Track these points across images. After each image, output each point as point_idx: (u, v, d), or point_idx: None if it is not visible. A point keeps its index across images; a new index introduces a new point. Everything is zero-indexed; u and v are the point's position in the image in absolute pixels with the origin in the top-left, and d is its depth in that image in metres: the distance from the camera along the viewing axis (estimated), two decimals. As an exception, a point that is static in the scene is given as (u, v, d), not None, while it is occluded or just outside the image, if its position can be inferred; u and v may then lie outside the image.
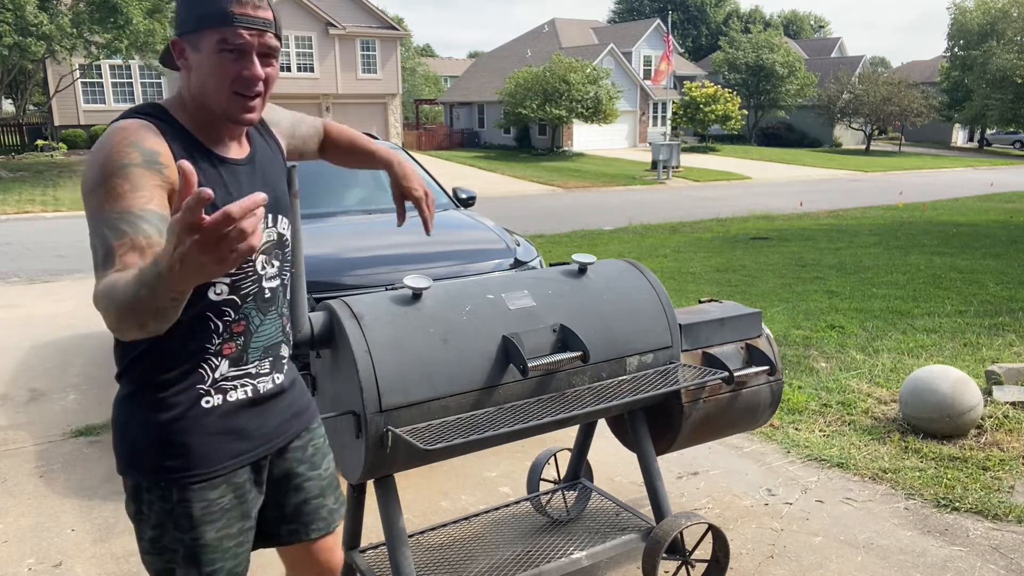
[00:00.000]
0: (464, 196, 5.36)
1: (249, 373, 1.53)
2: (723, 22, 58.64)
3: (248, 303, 1.49)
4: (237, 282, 1.47)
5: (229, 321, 1.47)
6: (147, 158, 1.31)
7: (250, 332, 1.51)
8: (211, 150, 1.45)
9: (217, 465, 1.49)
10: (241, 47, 1.37)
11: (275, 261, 1.55)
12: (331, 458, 1.78)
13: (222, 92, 1.39)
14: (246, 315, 1.50)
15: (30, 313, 7.01)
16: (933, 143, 46.00)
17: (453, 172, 24.04)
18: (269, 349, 1.57)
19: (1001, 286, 7.57)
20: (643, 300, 2.48)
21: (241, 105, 1.41)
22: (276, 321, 1.58)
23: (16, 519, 3.24)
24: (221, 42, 1.36)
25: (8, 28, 16.69)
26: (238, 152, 1.51)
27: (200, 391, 1.46)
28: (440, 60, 62.95)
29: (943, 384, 3.85)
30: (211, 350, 1.46)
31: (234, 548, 1.55)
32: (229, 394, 1.50)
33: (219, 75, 1.38)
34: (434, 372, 2.07)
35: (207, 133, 1.45)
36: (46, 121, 27.09)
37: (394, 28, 31.94)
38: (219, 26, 1.35)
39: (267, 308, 1.54)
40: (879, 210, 15.66)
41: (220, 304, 1.45)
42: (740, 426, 2.85)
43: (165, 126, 1.39)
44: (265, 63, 1.42)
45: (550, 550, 2.69)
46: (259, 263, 1.50)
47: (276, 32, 1.43)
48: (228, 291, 1.46)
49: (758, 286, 7.83)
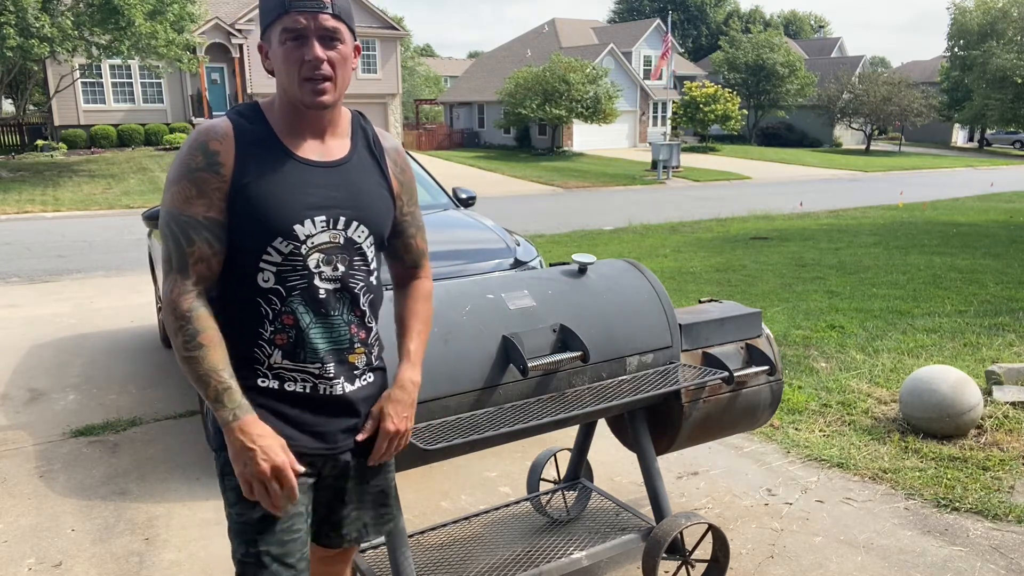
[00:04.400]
0: (464, 196, 5.35)
1: (309, 371, 1.54)
2: (723, 22, 58.62)
3: (294, 298, 1.51)
4: (283, 272, 1.50)
5: (277, 311, 1.51)
6: (208, 160, 1.46)
7: (300, 329, 1.52)
8: (286, 147, 1.52)
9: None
10: (300, 32, 1.45)
11: (340, 265, 1.55)
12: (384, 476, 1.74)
13: (293, 80, 1.47)
14: (292, 310, 1.51)
15: (30, 313, 7.01)
16: (933, 143, 46.00)
17: (453, 172, 24.03)
18: (335, 354, 1.56)
19: (1001, 286, 7.57)
20: (643, 300, 2.48)
21: (311, 90, 1.47)
22: (341, 327, 1.56)
23: (16, 519, 3.24)
24: (283, 32, 1.45)
25: (11, 30, 16.70)
26: (322, 152, 1.55)
27: (258, 371, 1.53)
28: (440, 60, 62.97)
29: (943, 384, 3.84)
30: (264, 336, 1.52)
31: (280, 533, 1.54)
32: (287, 384, 1.54)
33: (288, 64, 1.46)
34: (434, 372, 2.07)
35: (290, 131, 1.53)
36: (46, 121, 27.09)
37: (394, 28, 31.94)
38: (280, 17, 1.45)
39: (321, 309, 1.53)
40: (879, 210, 15.67)
41: (267, 291, 1.51)
42: (740, 426, 2.85)
43: (246, 124, 1.51)
44: (328, 46, 1.47)
45: (550, 550, 2.69)
46: (312, 260, 1.51)
47: (335, 13, 1.47)
48: (274, 280, 1.50)
49: (758, 286, 7.83)
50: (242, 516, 1.55)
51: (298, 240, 1.49)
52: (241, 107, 1.56)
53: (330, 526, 1.71)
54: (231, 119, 1.52)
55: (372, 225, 1.59)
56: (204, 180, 1.46)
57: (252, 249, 1.48)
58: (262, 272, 1.50)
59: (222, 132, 1.48)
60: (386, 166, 1.65)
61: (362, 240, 1.58)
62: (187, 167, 1.46)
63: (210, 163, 1.46)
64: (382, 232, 1.63)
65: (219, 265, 1.50)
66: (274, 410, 1.54)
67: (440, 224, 4.75)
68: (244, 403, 1.45)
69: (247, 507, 1.54)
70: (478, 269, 3.90)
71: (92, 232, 12.62)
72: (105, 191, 17.92)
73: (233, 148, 1.47)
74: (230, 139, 1.48)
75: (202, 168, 1.46)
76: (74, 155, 24.09)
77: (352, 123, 1.64)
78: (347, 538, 1.72)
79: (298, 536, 1.57)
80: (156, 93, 27.86)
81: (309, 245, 1.51)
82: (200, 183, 1.45)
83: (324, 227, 1.52)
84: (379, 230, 1.61)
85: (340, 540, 1.72)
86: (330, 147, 1.57)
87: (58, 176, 19.78)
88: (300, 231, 1.49)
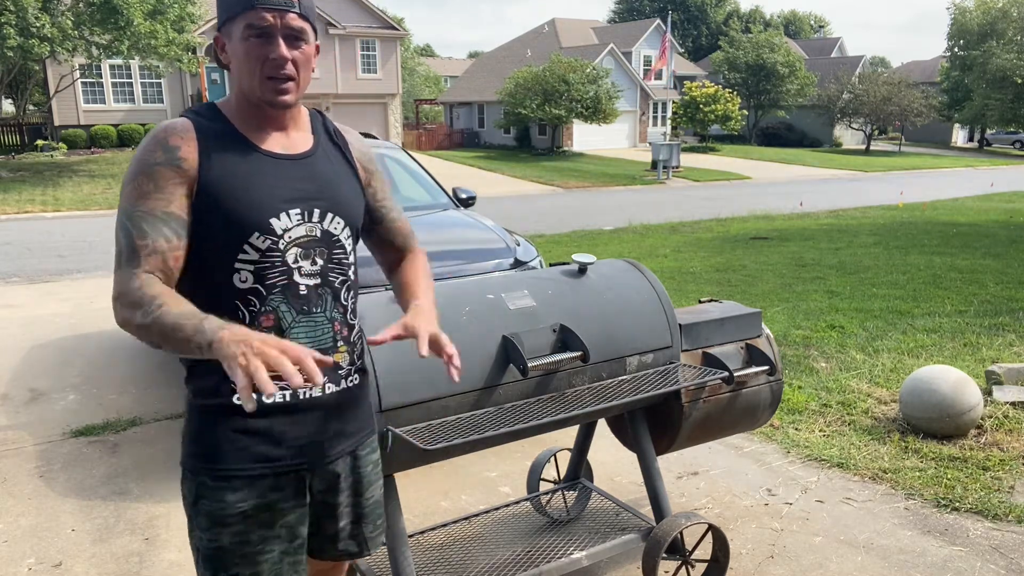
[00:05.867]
0: (464, 196, 5.35)
1: None
2: (723, 22, 58.62)
3: (275, 295, 1.45)
4: (261, 270, 1.44)
5: (256, 312, 1.44)
6: (168, 155, 1.40)
7: (282, 330, 1.46)
8: (250, 141, 1.47)
9: (235, 465, 1.45)
10: (265, 30, 1.41)
11: (318, 259, 1.49)
12: (379, 485, 1.70)
13: (255, 77, 1.43)
14: (274, 309, 1.45)
15: (30, 313, 7.01)
16: (933, 143, 46.00)
17: (453, 172, 24.03)
18: None
19: (1001, 286, 7.57)
20: (643, 300, 2.48)
21: (274, 88, 1.44)
22: (324, 325, 1.50)
23: (16, 519, 3.24)
24: (247, 28, 1.41)
25: (11, 30, 16.71)
26: (287, 145, 1.51)
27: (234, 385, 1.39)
28: (440, 60, 62.97)
29: (943, 384, 3.84)
30: None
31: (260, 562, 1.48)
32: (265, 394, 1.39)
33: (249, 61, 1.42)
34: (434, 372, 2.07)
35: (251, 125, 1.49)
36: (46, 121, 27.09)
37: (394, 28, 31.94)
38: (244, 12, 1.41)
39: (303, 306, 1.48)
40: (879, 210, 15.66)
41: (245, 292, 1.44)
42: (740, 426, 2.85)
43: (206, 122, 1.46)
44: (292, 45, 1.44)
45: (550, 550, 2.69)
46: (291, 255, 1.46)
47: (302, 13, 1.44)
48: (252, 279, 1.44)
49: (758, 286, 7.83)
50: (214, 542, 1.47)
51: (275, 235, 1.44)
52: (197, 107, 1.50)
53: (323, 540, 1.64)
54: (188, 116, 1.47)
55: (347, 216, 1.55)
56: (162, 174, 1.38)
57: (227, 249, 1.42)
58: (238, 273, 1.43)
59: (182, 127, 1.43)
60: (351, 156, 1.62)
61: (339, 232, 1.53)
62: (144, 162, 1.39)
63: (169, 157, 1.39)
64: (357, 223, 1.58)
65: (175, 265, 1.39)
66: (252, 429, 1.46)
67: (440, 224, 4.75)
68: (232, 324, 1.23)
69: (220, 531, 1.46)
70: (478, 269, 3.90)
71: (92, 232, 12.62)
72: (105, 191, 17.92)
73: (195, 143, 1.42)
74: (191, 134, 1.42)
75: (160, 163, 1.39)
76: (74, 155, 24.09)
77: (311, 118, 1.61)
78: (345, 552, 1.66)
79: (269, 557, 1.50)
80: (156, 93, 27.86)
81: (287, 239, 1.45)
82: (158, 177, 1.38)
83: (300, 220, 1.47)
84: (354, 221, 1.57)
85: (336, 554, 1.66)
86: (294, 140, 1.53)
87: (58, 176, 19.78)
88: (277, 225, 1.44)
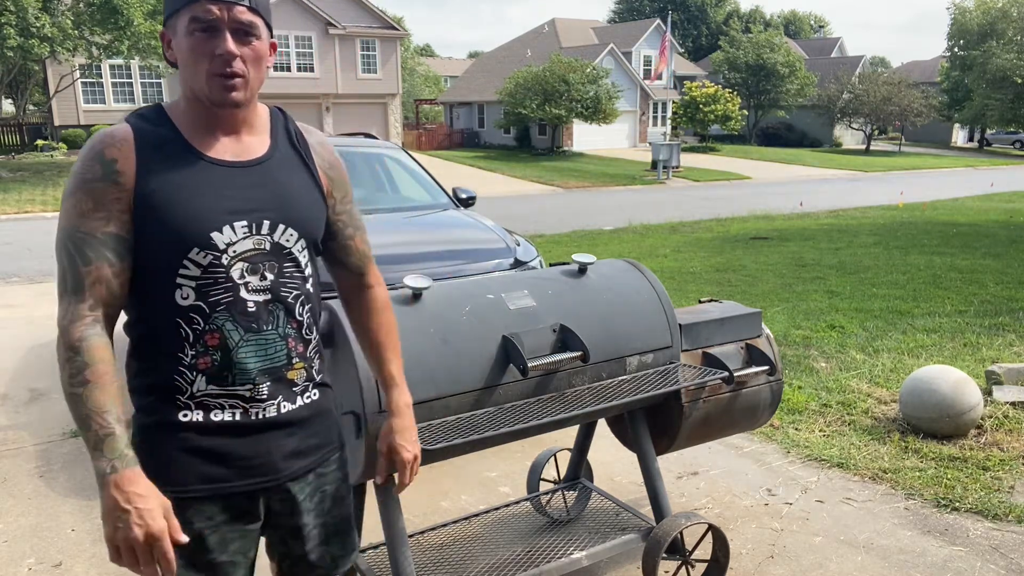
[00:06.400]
0: (464, 196, 5.35)
1: (239, 395, 1.40)
2: (723, 22, 58.61)
3: (219, 313, 1.37)
4: (204, 287, 1.36)
5: (199, 331, 1.36)
6: (106, 170, 1.32)
7: (228, 348, 1.37)
8: (196, 148, 1.38)
9: (179, 486, 1.38)
10: (211, 23, 1.32)
11: (268, 274, 1.40)
12: (347, 502, 1.63)
13: (200, 75, 1.34)
14: (219, 327, 1.37)
15: (30, 313, 7.01)
16: (933, 143, 46.00)
17: (453, 172, 24.03)
18: (269, 373, 1.42)
19: (1001, 286, 7.57)
20: (643, 300, 2.48)
21: (221, 86, 1.34)
22: (276, 343, 1.42)
23: (16, 519, 3.24)
24: (192, 21, 1.32)
25: (11, 30, 16.71)
26: (238, 151, 1.42)
27: (179, 402, 1.38)
28: (440, 60, 62.96)
29: (943, 384, 3.84)
30: (185, 362, 1.37)
31: None
32: (213, 412, 1.39)
33: (195, 57, 1.34)
34: (434, 372, 2.07)
35: (199, 129, 1.40)
36: (46, 121, 27.09)
37: (394, 28, 31.94)
38: (188, 4, 1.32)
39: (252, 324, 1.39)
40: (879, 210, 15.66)
41: (187, 310, 1.36)
42: (740, 426, 2.85)
43: (148, 127, 1.37)
44: (242, 41, 1.35)
45: (550, 550, 2.69)
46: (236, 271, 1.37)
47: (252, 6, 1.35)
48: (195, 296, 1.36)
49: (758, 286, 7.83)
50: None
51: (217, 249, 1.35)
52: (142, 110, 1.42)
53: (292, 562, 1.58)
54: (130, 123, 1.38)
55: (302, 227, 1.45)
56: (101, 191, 1.31)
57: (166, 265, 1.34)
58: (180, 289, 1.35)
59: (120, 137, 1.34)
60: (312, 162, 1.51)
61: (291, 244, 1.43)
62: (82, 178, 1.32)
63: (107, 172, 1.32)
64: (314, 234, 1.48)
65: (122, 288, 1.35)
66: (198, 448, 1.39)
67: (440, 224, 4.75)
68: (128, 454, 1.27)
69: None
70: (478, 269, 3.90)
71: (92, 232, 12.61)
72: (105, 191, 17.90)
73: (133, 154, 1.33)
74: (129, 144, 1.34)
75: (99, 179, 1.31)
76: (74, 155, 24.07)
77: (271, 119, 1.50)
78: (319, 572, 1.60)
79: None
80: (156, 93, 27.86)
81: (231, 254, 1.36)
82: (97, 195, 1.31)
83: (247, 232, 1.38)
84: (311, 232, 1.47)
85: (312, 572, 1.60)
86: (247, 145, 1.43)
87: (58, 176, 19.77)
88: (219, 239, 1.35)
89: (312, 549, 1.57)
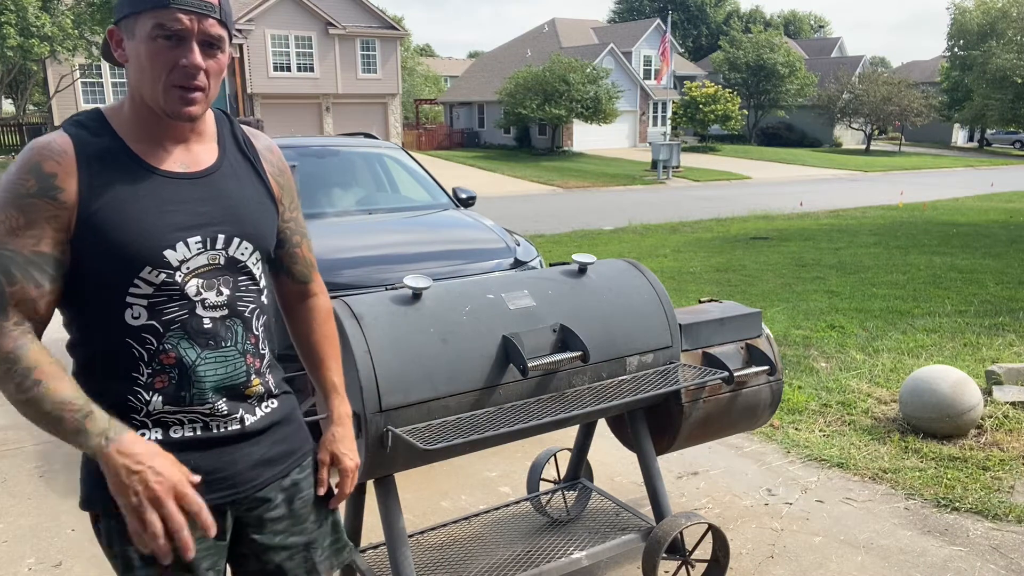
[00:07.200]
0: (464, 196, 5.36)
1: (198, 412, 1.34)
2: (723, 22, 58.65)
3: (174, 332, 1.31)
4: (157, 305, 1.29)
5: (153, 350, 1.30)
6: (42, 185, 1.23)
7: (185, 366, 1.31)
8: (143, 160, 1.31)
9: None
10: (179, 33, 1.24)
11: (223, 289, 1.35)
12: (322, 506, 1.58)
13: (158, 84, 1.26)
14: (173, 346, 1.31)
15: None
16: (933, 143, 46.01)
17: (453, 172, 24.04)
18: (227, 390, 1.37)
19: (1001, 286, 7.57)
20: (643, 300, 2.48)
21: (180, 98, 1.27)
22: (235, 359, 1.37)
23: (16, 519, 3.24)
24: (157, 27, 1.23)
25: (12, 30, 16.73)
26: (187, 162, 1.35)
27: (135, 421, 1.31)
28: (440, 60, 62.96)
29: (943, 384, 3.84)
30: (140, 381, 1.31)
31: None
32: (172, 429, 1.33)
33: (155, 65, 1.25)
34: (434, 372, 2.07)
35: (144, 138, 1.32)
36: (46, 121, 27.09)
37: (394, 28, 31.95)
38: (154, 8, 1.23)
39: (209, 341, 1.33)
40: (879, 210, 15.66)
41: (139, 330, 1.29)
42: (740, 426, 2.85)
43: (89, 137, 1.29)
44: (208, 54, 1.28)
45: (550, 550, 2.69)
46: (191, 288, 1.31)
47: (221, 19, 1.28)
48: (147, 315, 1.29)
49: (758, 286, 7.83)
50: None
51: (171, 267, 1.29)
52: (80, 116, 1.32)
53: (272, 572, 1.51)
54: (69, 132, 1.28)
55: (256, 239, 1.40)
56: (35, 207, 1.22)
57: (114, 284, 1.27)
58: (130, 308, 1.28)
59: (59, 150, 1.25)
60: (263, 169, 1.45)
61: (246, 258, 1.38)
62: (15, 192, 1.22)
63: (44, 187, 1.22)
64: (268, 245, 1.44)
65: (48, 308, 1.26)
66: None
67: (440, 224, 4.75)
68: (115, 422, 1.21)
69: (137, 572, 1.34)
70: (478, 269, 3.90)
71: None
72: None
73: (75, 168, 1.24)
74: (70, 158, 1.25)
75: (33, 194, 1.22)
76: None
77: (217, 123, 1.43)
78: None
79: None
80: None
81: (184, 271, 1.30)
82: (30, 211, 1.22)
83: (200, 248, 1.32)
84: (264, 244, 1.42)
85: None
86: (195, 154, 1.36)
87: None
88: (172, 256, 1.29)
89: (292, 558, 1.51)
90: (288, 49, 29.07)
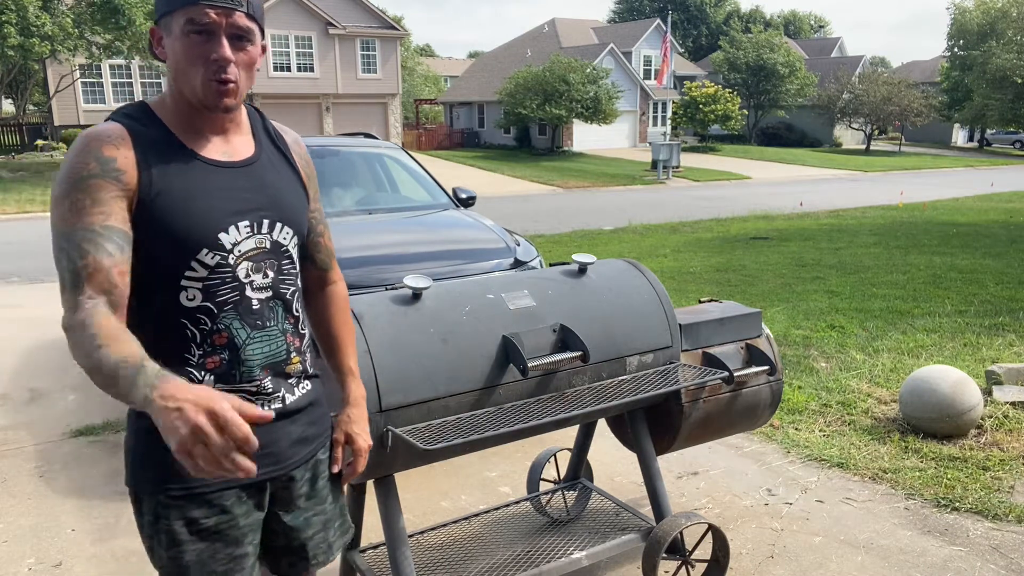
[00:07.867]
0: (464, 196, 5.35)
1: (245, 391, 1.42)
2: (723, 22, 58.64)
3: (227, 312, 1.39)
4: (211, 287, 1.37)
5: (207, 331, 1.37)
6: (104, 167, 1.28)
7: (236, 347, 1.39)
8: (191, 149, 1.38)
9: (195, 482, 1.40)
10: (207, 27, 1.31)
11: (269, 271, 1.44)
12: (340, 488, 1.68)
13: (194, 77, 1.33)
14: (227, 326, 1.39)
15: (30, 313, 7.01)
16: (933, 143, 46.00)
17: (453, 172, 24.03)
18: (271, 368, 1.45)
19: (1001, 286, 7.57)
20: (643, 300, 2.48)
21: (216, 91, 1.34)
22: (277, 338, 1.46)
23: (16, 519, 3.24)
24: (188, 23, 1.31)
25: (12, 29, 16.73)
26: (228, 152, 1.43)
27: None
28: (440, 60, 62.95)
29: (943, 384, 3.84)
30: (192, 361, 1.37)
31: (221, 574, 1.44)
32: None
33: (189, 59, 1.32)
34: (434, 372, 2.07)
35: (188, 129, 1.39)
36: (46, 121, 27.10)
37: (394, 28, 31.95)
38: (186, 6, 1.31)
39: (257, 321, 1.42)
40: (879, 210, 15.66)
41: (194, 311, 1.36)
42: (740, 426, 2.85)
43: (140, 127, 1.35)
44: (237, 46, 1.35)
45: (550, 550, 2.69)
46: (242, 270, 1.39)
47: (250, 12, 1.35)
48: (201, 297, 1.36)
49: (758, 286, 7.83)
50: (177, 560, 1.41)
51: (224, 250, 1.37)
52: (127, 108, 1.39)
53: (292, 554, 1.59)
54: (121, 122, 1.34)
55: (295, 225, 1.49)
56: (99, 187, 1.27)
57: (171, 266, 1.34)
58: (185, 291, 1.35)
59: (117, 136, 1.31)
60: (293, 160, 1.55)
61: (288, 242, 1.48)
62: (77, 175, 1.27)
63: (106, 169, 1.28)
64: (303, 231, 1.53)
65: (123, 279, 1.28)
66: None
67: (440, 224, 4.75)
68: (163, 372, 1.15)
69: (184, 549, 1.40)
70: (478, 269, 3.90)
71: (92, 232, 12.61)
72: (105, 191, 17.91)
73: (132, 153, 1.31)
74: (127, 143, 1.31)
75: (96, 175, 1.27)
76: (74, 155, 24.08)
77: (250, 118, 1.51)
78: (315, 561, 1.62)
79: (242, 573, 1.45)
80: (157, 93, 27.81)
81: (236, 254, 1.38)
82: (95, 191, 1.27)
83: (249, 232, 1.40)
84: (301, 229, 1.52)
85: (307, 565, 1.61)
86: (235, 145, 1.44)
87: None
88: (226, 240, 1.37)
89: (313, 536, 1.60)
90: (288, 49, 29.07)
